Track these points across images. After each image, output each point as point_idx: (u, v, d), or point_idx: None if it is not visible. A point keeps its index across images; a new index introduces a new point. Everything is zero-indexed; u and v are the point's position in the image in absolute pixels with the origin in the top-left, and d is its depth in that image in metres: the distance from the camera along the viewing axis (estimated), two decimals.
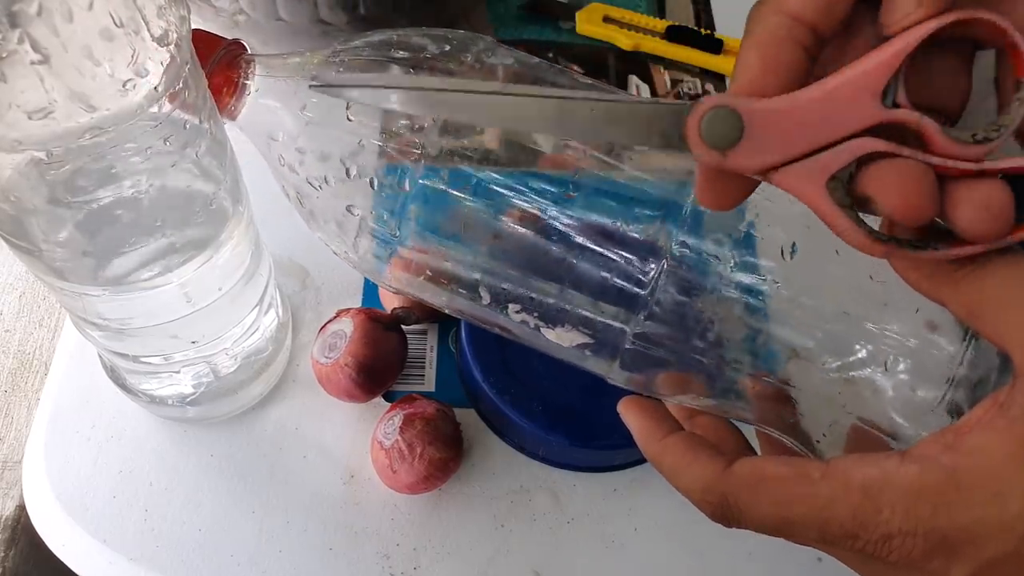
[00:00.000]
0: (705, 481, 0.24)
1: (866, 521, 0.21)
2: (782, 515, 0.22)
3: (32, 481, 0.43)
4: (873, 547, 0.21)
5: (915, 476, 0.20)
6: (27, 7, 0.25)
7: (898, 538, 0.20)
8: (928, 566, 0.20)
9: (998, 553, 0.20)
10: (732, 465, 0.24)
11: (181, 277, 0.36)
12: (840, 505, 0.21)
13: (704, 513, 0.25)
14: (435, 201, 0.33)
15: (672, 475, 0.26)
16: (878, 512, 0.21)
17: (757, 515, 0.23)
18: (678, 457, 0.25)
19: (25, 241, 0.32)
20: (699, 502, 0.24)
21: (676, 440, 0.26)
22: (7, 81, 0.26)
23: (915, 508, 0.20)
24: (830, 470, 0.22)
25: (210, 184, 0.35)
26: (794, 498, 0.22)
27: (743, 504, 0.23)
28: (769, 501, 0.22)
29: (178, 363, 0.41)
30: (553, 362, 0.45)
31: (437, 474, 0.41)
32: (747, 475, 0.23)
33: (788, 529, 0.22)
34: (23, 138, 0.27)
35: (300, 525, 0.42)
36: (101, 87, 0.27)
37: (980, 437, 0.20)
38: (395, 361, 0.45)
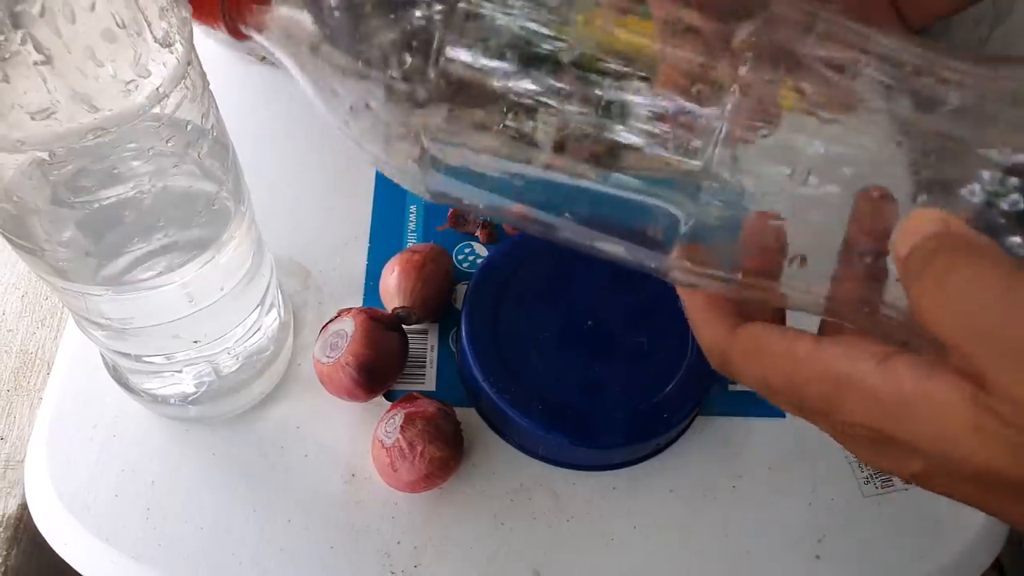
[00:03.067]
0: (712, 339, 0.27)
1: (832, 407, 0.23)
2: (766, 383, 0.25)
3: (34, 480, 0.44)
4: (842, 428, 0.24)
5: (880, 387, 0.22)
6: (30, 8, 0.25)
7: (858, 427, 0.23)
8: (888, 453, 0.23)
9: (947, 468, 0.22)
10: (737, 329, 0.26)
11: (183, 277, 0.36)
12: (813, 387, 0.24)
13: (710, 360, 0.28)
14: None
15: (694, 328, 0.28)
16: (842, 403, 0.23)
17: (747, 378, 0.26)
18: (698, 312, 0.28)
19: (28, 241, 0.32)
20: (707, 356, 0.27)
21: (701, 295, 0.28)
22: (10, 82, 0.26)
23: (872, 410, 0.22)
24: (815, 353, 0.24)
25: (212, 184, 0.35)
26: (777, 371, 0.24)
27: (737, 366, 0.26)
28: (757, 368, 0.25)
29: (180, 362, 0.41)
30: (553, 361, 0.45)
31: (438, 473, 0.41)
32: (745, 341, 0.26)
33: (771, 396, 0.25)
34: (26, 138, 0.27)
35: (301, 524, 0.42)
36: (103, 88, 0.27)
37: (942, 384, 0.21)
38: (396, 360, 0.45)
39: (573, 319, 0.46)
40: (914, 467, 0.23)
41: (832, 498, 0.45)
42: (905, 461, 0.23)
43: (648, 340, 0.46)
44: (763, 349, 0.25)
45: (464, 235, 0.54)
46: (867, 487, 0.45)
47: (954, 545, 0.44)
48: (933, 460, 0.22)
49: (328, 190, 0.55)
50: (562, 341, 0.45)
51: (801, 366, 0.24)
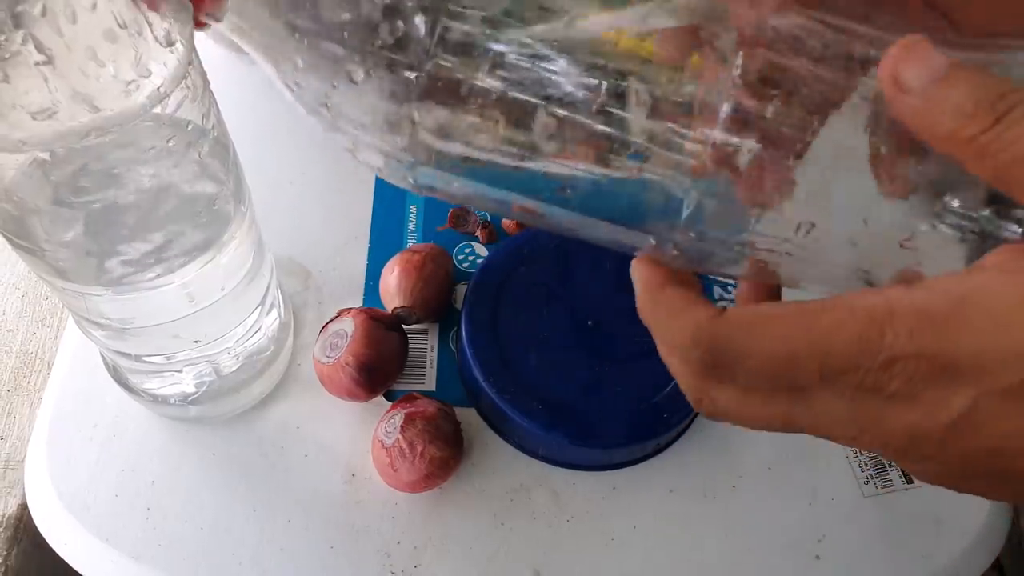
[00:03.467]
0: (695, 327, 0.22)
1: (870, 345, 0.20)
2: (783, 350, 0.21)
3: (34, 480, 0.44)
4: (874, 377, 0.20)
5: (922, 300, 0.20)
6: (31, 8, 0.25)
7: (900, 362, 0.20)
8: (927, 394, 0.20)
9: (1003, 384, 0.19)
10: (725, 311, 0.22)
11: (184, 277, 0.36)
12: (844, 331, 0.20)
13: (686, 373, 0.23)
14: None
15: (660, 327, 0.24)
16: (882, 336, 0.20)
17: (755, 352, 0.21)
18: (669, 306, 0.24)
19: (28, 241, 0.32)
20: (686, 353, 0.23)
21: (672, 291, 0.24)
22: (11, 81, 0.26)
23: (921, 330, 0.19)
24: (831, 303, 0.21)
25: (213, 184, 0.35)
26: (795, 331, 0.21)
27: (738, 345, 0.22)
28: (768, 337, 0.21)
29: (180, 362, 0.41)
30: (553, 361, 0.45)
31: (438, 472, 0.42)
32: (743, 316, 0.22)
33: (787, 366, 0.21)
34: (27, 138, 0.27)
35: (301, 523, 0.42)
36: (104, 88, 0.27)
37: (993, 275, 0.19)
38: (396, 360, 0.45)
39: (573, 319, 0.46)
40: (961, 400, 0.20)
41: (832, 498, 0.45)
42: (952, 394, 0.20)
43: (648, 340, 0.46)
44: (769, 316, 0.21)
45: (464, 235, 0.54)
46: (867, 487, 0.45)
47: (954, 545, 0.44)
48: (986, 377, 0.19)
49: (328, 190, 0.55)
50: (562, 341, 0.46)
51: (822, 318, 0.21)
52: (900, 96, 0.21)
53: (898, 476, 0.46)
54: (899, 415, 0.21)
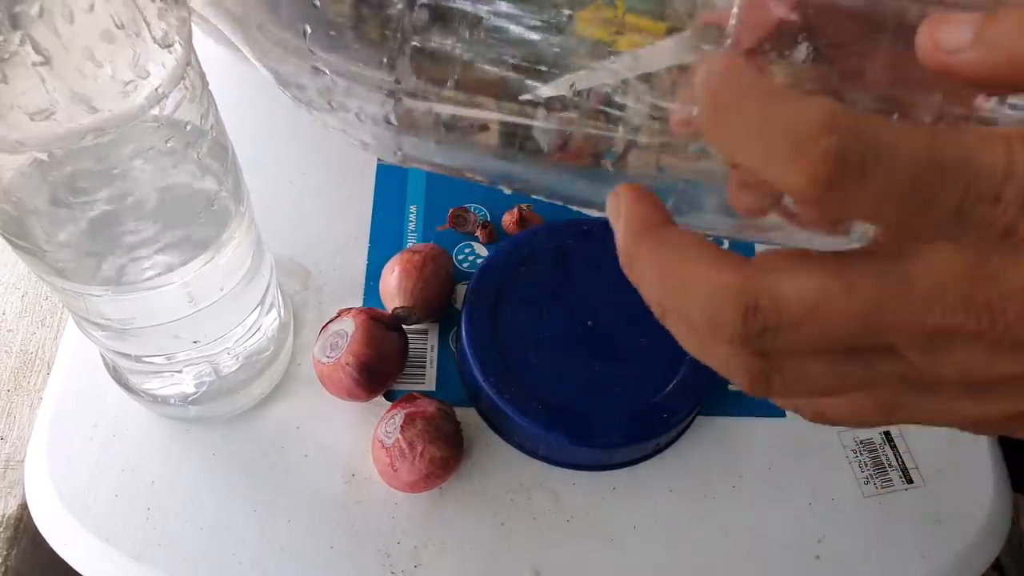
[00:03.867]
0: (827, 108, 0.17)
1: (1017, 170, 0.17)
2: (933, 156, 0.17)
3: (34, 480, 0.44)
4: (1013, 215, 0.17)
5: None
6: (28, 8, 0.25)
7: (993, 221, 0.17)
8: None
9: None
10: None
11: (183, 277, 0.36)
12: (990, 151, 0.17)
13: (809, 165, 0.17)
14: None
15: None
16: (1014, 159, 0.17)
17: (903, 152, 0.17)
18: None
19: (27, 242, 0.32)
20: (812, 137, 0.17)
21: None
22: (8, 82, 0.26)
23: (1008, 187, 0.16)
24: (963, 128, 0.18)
25: (212, 184, 0.35)
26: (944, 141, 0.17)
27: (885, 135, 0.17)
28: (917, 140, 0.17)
29: (180, 363, 0.41)
30: (553, 361, 0.45)
31: (438, 472, 0.41)
32: (880, 119, 0.17)
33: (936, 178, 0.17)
34: (25, 139, 0.27)
35: (301, 523, 0.42)
36: (102, 88, 0.27)
37: None
38: (396, 360, 0.45)
39: (573, 319, 0.46)
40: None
41: (832, 498, 0.45)
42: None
43: (648, 340, 0.46)
44: (906, 126, 0.17)
45: (464, 235, 0.54)
46: (867, 487, 0.45)
47: (954, 545, 0.44)
48: None
49: (328, 190, 0.55)
50: (562, 341, 0.45)
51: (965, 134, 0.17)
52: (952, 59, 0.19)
53: (898, 476, 0.46)
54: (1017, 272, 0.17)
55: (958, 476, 0.46)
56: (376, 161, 0.57)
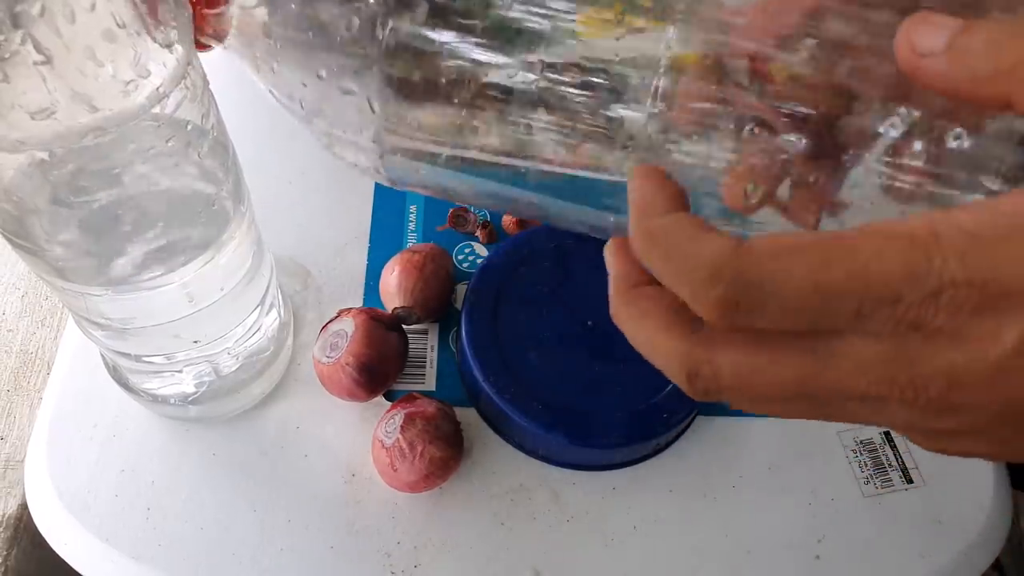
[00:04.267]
0: (715, 256, 0.19)
1: (916, 273, 0.18)
2: (818, 281, 0.18)
3: (34, 480, 0.44)
4: (916, 311, 0.18)
5: (971, 221, 0.18)
6: (30, 8, 0.25)
7: (949, 291, 0.17)
8: (975, 328, 0.18)
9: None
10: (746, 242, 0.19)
11: (183, 277, 0.36)
12: (887, 259, 0.18)
13: (704, 308, 0.20)
14: None
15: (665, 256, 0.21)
16: (929, 261, 0.17)
17: (786, 287, 0.18)
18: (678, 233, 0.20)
19: (28, 241, 0.32)
20: (703, 286, 0.19)
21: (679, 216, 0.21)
22: (10, 81, 0.26)
23: (973, 253, 0.17)
24: (868, 229, 0.18)
25: (212, 184, 0.35)
26: (832, 258, 0.18)
27: (767, 275, 0.18)
28: (803, 265, 0.18)
29: (180, 362, 0.41)
30: (553, 361, 0.45)
31: (438, 472, 0.41)
32: (770, 246, 0.19)
33: (823, 302, 0.18)
34: (26, 138, 0.27)
35: (301, 523, 0.42)
36: (103, 88, 0.27)
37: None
38: (396, 360, 0.45)
39: (573, 319, 0.46)
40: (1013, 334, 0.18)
41: (832, 498, 0.45)
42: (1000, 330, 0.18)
43: None
44: (802, 244, 0.19)
45: (464, 235, 0.54)
46: (867, 487, 0.45)
47: (954, 545, 0.44)
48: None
49: (328, 190, 0.55)
50: (562, 341, 0.45)
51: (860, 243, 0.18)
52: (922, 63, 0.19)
53: (898, 476, 0.46)
54: (940, 354, 0.18)
55: (958, 476, 0.46)
56: None
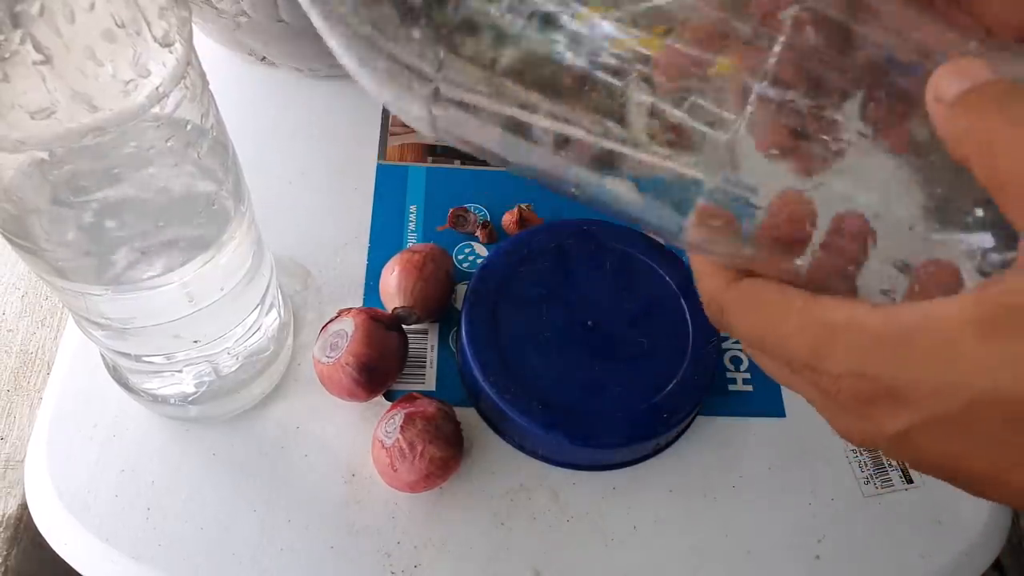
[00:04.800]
0: (712, 291, 0.26)
1: (821, 356, 0.22)
2: (757, 336, 0.24)
3: (34, 480, 0.44)
4: (827, 383, 0.22)
5: (877, 326, 0.21)
6: (29, 8, 0.25)
7: (847, 379, 0.22)
8: (872, 411, 0.22)
9: (937, 413, 0.20)
10: (738, 281, 0.25)
11: (183, 277, 0.36)
12: (803, 337, 0.22)
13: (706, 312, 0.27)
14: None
15: (696, 277, 0.27)
16: (833, 351, 0.22)
17: (738, 330, 0.25)
18: (703, 262, 0.26)
19: (28, 241, 0.32)
20: (705, 308, 0.26)
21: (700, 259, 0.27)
22: (10, 81, 0.26)
23: (869, 354, 0.21)
24: (808, 305, 0.23)
25: (212, 184, 0.35)
26: (769, 324, 0.24)
27: (732, 318, 0.25)
28: (750, 322, 0.24)
29: (180, 362, 0.41)
30: (553, 361, 0.45)
31: (438, 472, 0.41)
32: (743, 293, 0.25)
33: (760, 348, 0.24)
34: (26, 138, 0.27)
35: (301, 523, 0.42)
36: (103, 87, 0.27)
37: (945, 305, 0.20)
38: (396, 360, 0.45)
39: (573, 319, 0.46)
40: (899, 423, 0.21)
41: (832, 498, 0.45)
42: (890, 416, 0.21)
43: (648, 340, 0.46)
44: (759, 301, 0.24)
45: (464, 235, 0.54)
46: (867, 487, 0.45)
47: (954, 545, 0.44)
48: (922, 406, 0.21)
49: (328, 190, 0.55)
50: (562, 341, 0.45)
51: (792, 316, 0.23)
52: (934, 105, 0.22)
53: (898, 476, 0.46)
54: (850, 420, 0.23)
55: None
56: (376, 161, 0.57)
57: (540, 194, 0.55)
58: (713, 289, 0.26)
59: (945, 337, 0.20)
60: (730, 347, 0.50)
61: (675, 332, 0.46)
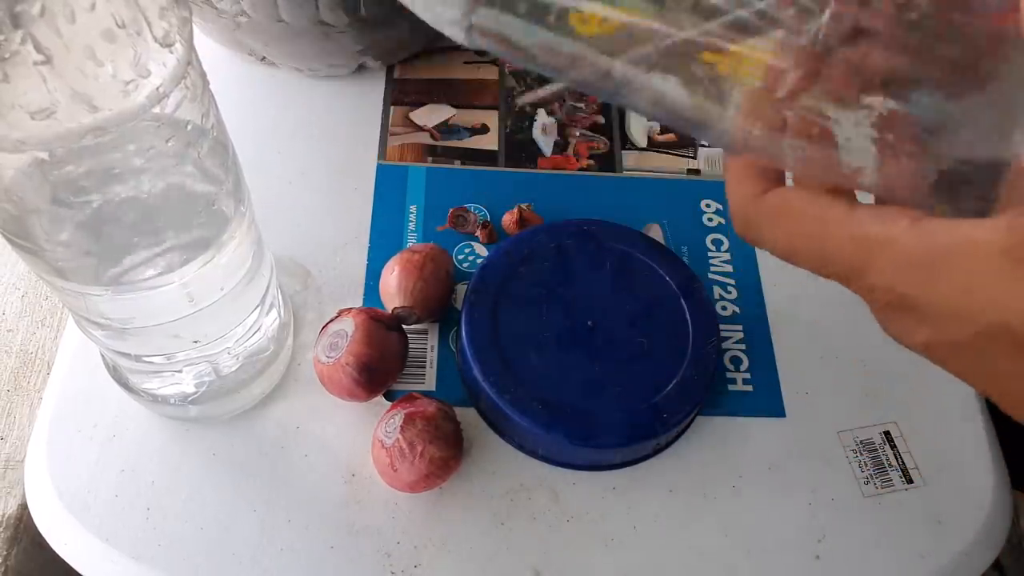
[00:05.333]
0: (740, 202, 0.26)
1: (857, 271, 0.23)
2: (791, 245, 0.25)
3: (34, 480, 0.44)
4: (862, 290, 0.24)
5: (911, 246, 0.22)
6: (30, 8, 0.25)
7: (880, 291, 0.23)
8: (901, 321, 0.24)
9: (951, 337, 0.22)
10: (767, 193, 0.26)
11: (183, 277, 0.36)
12: (840, 253, 0.24)
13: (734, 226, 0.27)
14: None
15: (727, 188, 0.27)
16: (868, 267, 0.23)
17: (770, 240, 0.25)
18: (732, 174, 0.27)
19: (28, 241, 0.32)
20: (733, 217, 0.27)
21: (736, 159, 0.27)
22: (10, 81, 0.26)
23: (902, 273, 0.23)
24: (847, 216, 0.24)
25: (212, 184, 0.35)
26: (804, 235, 0.25)
27: (763, 229, 0.26)
28: (784, 232, 0.25)
29: (180, 362, 0.41)
30: (553, 361, 0.45)
31: (438, 473, 0.41)
32: (773, 205, 0.25)
33: (794, 258, 0.25)
34: (26, 138, 0.27)
35: (301, 523, 0.42)
36: (103, 88, 0.27)
37: (978, 229, 0.22)
38: (396, 360, 0.45)
39: (573, 319, 0.46)
40: (921, 336, 0.23)
41: (832, 498, 0.45)
42: (915, 329, 0.23)
43: (648, 340, 0.46)
44: (792, 211, 0.25)
45: (464, 235, 0.54)
46: (867, 487, 0.45)
47: (954, 545, 0.44)
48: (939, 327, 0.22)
49: (328, 190, 0.55)
50: (562, 341, 0.45)
51: (831, 228, 0.24)
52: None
53: (898, 476, 0.46)
54: (885, 321, 0.24)
55: (958, 476, 0.46)
56: (376, 161, 0.57)
57: (540, 194, 0.55)
58: (742, 198, 0.26)
59: (971, 265, 0.21)
60: (730, 347, 0.50)
61: (675, 332, 0.46)
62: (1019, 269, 0.20)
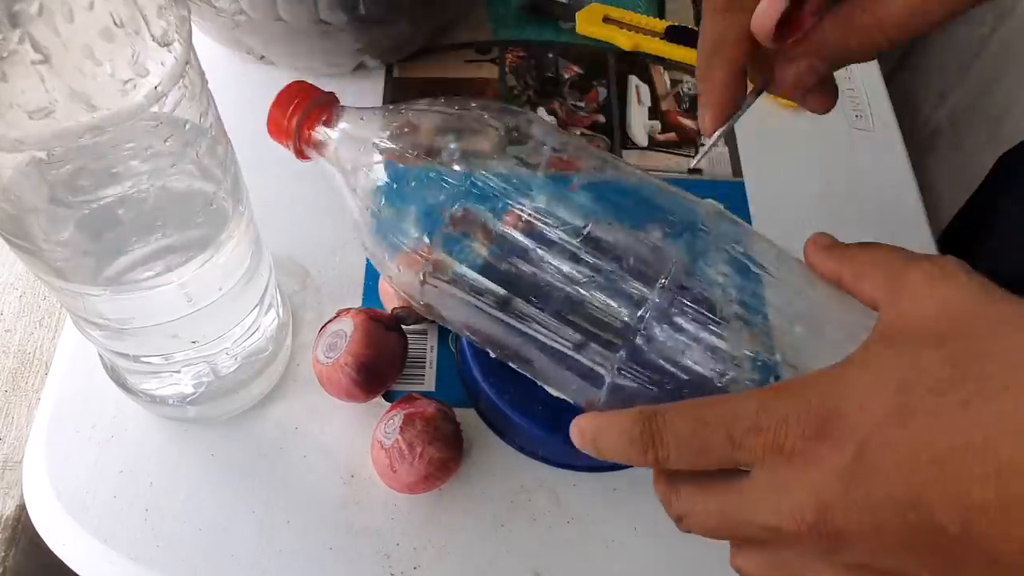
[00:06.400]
0: (630, 415, 0.29)
1: (767, 408, 0.26)
2: (697, 415, 0.27)
3: (32, 481, 0.43)
4: (773, 436, 0.25)
5: (807, 378, 0.26)
6: (28, 7, 0.25)
7: (792, 417, 0.25)
8: (822, 449, 0.25)
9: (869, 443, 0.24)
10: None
11: (181, 277, 0.36)
12: (746, 402, 0.26)
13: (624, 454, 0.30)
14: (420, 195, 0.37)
15: (599, 433, 0.30)
16: (777, 399, 0.26)
17: (678, 419, 0.28)
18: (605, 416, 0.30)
19: (26, 241, 0.32)
20: (622, 434, 0.29)
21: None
22: (8, 80, 0.26)
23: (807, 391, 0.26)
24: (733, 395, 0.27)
25: (210, 184, 0.35)
26: (710, 402, 0.27)
27: (668, 414, 0.28)
28: (689, 406, 0.28)
29: (178, 363, 0.41)
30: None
31: (437, 474, 0.41)
32: (672, 405, 0.28)
33: (703, 429, 0.27)
34: (24, 137, 0.27)
35: (300, 524, 0.42)
36: (101, 87, 0.27)
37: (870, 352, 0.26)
38: (395, 361, 0.45)
39: None
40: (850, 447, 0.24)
41: None
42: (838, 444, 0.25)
43: None
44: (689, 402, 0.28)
45: None
46: None
47: None
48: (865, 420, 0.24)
49: (328, 190, 0.55)
50: None
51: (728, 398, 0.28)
52: None
53: None
54: (804, 475, 0.25)
55: None
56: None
57: None
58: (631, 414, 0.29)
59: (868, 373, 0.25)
60: None
61: None
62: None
